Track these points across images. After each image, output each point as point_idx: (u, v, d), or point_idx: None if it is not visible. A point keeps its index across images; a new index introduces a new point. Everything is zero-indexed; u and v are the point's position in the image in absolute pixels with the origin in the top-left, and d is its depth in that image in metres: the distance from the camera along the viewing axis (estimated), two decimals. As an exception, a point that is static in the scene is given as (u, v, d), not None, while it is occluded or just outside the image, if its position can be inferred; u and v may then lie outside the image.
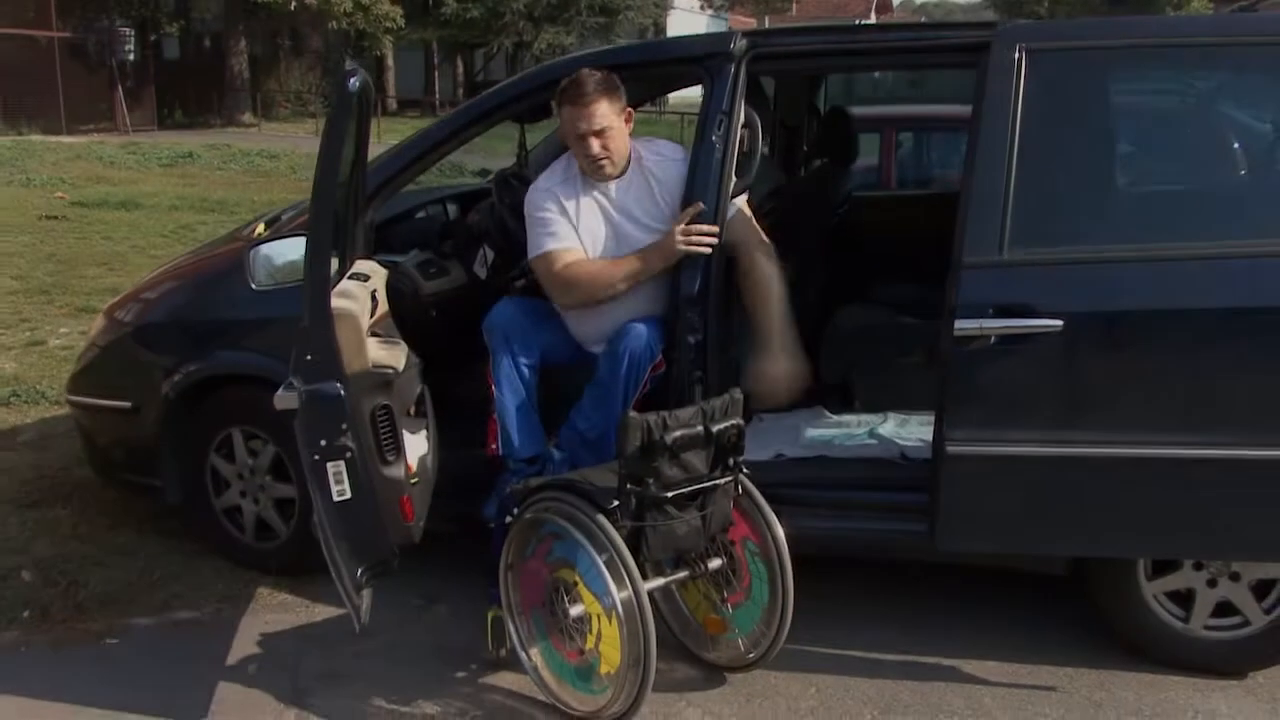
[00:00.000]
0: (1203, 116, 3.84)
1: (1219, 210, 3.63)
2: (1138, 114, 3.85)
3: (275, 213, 5.11)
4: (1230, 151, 3.74)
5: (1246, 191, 3.75)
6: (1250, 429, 3.37)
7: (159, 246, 11.32)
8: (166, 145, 21.42)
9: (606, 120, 3.88)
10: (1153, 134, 3.89)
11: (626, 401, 3.85)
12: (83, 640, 4.04)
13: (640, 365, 3.86)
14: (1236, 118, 3.80)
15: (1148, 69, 3.75)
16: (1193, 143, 3.76)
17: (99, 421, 4.78)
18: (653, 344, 3.88)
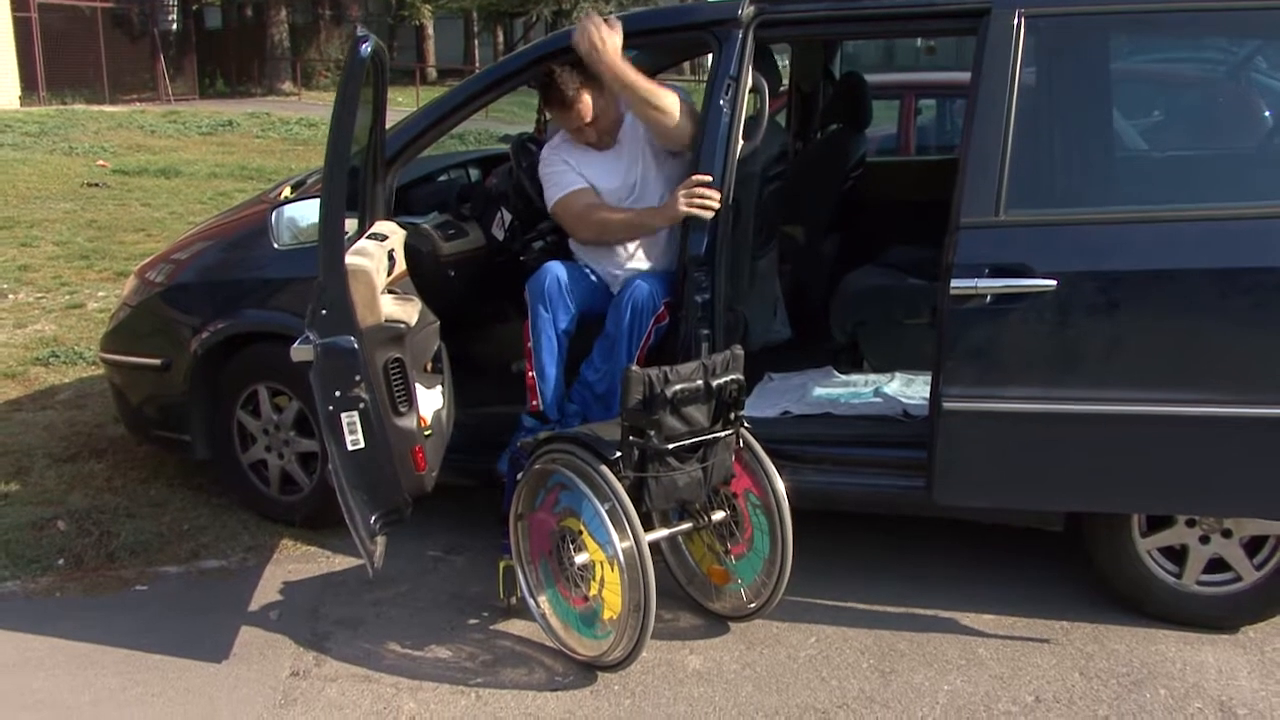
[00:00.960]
0: (1199, 81, 3.90)
1: (1213, 173, 3.70)
2: (1134, 79, 3.91)
3: (302, 176, 5.25)
4: (1226, 115, 3.80)
5: (1241, 155, 3.81)
6: (1240, 387, 3.45)
7: (197, 213, 11.50)
8: (207, 114, 21.63)
9: (592, 107, 4.18)
10: (1148, 98, 3.96)
11: (631, 353, 4.00)
12: (114, 587, 4.22)
13: (643, 316, 4.02)
14: (1234, 82, 3.86)
15: (1145, 34, 3.81)
16: (1187, 107, 3.83)
17: (131, 379, 4.94)
18: (655, 296, 4.04)
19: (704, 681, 3.59)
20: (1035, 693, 3.53)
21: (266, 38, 31.44)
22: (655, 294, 4.06)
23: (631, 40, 4.10)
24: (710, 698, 3.50)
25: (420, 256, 4.30)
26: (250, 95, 29.79)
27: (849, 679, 3.61)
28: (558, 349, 4.20)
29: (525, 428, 4.20)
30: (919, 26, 4.22)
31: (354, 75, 3.38)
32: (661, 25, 4.25)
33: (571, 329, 4.22)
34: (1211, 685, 3.56)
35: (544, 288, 4.17)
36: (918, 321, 4.62)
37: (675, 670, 3.64)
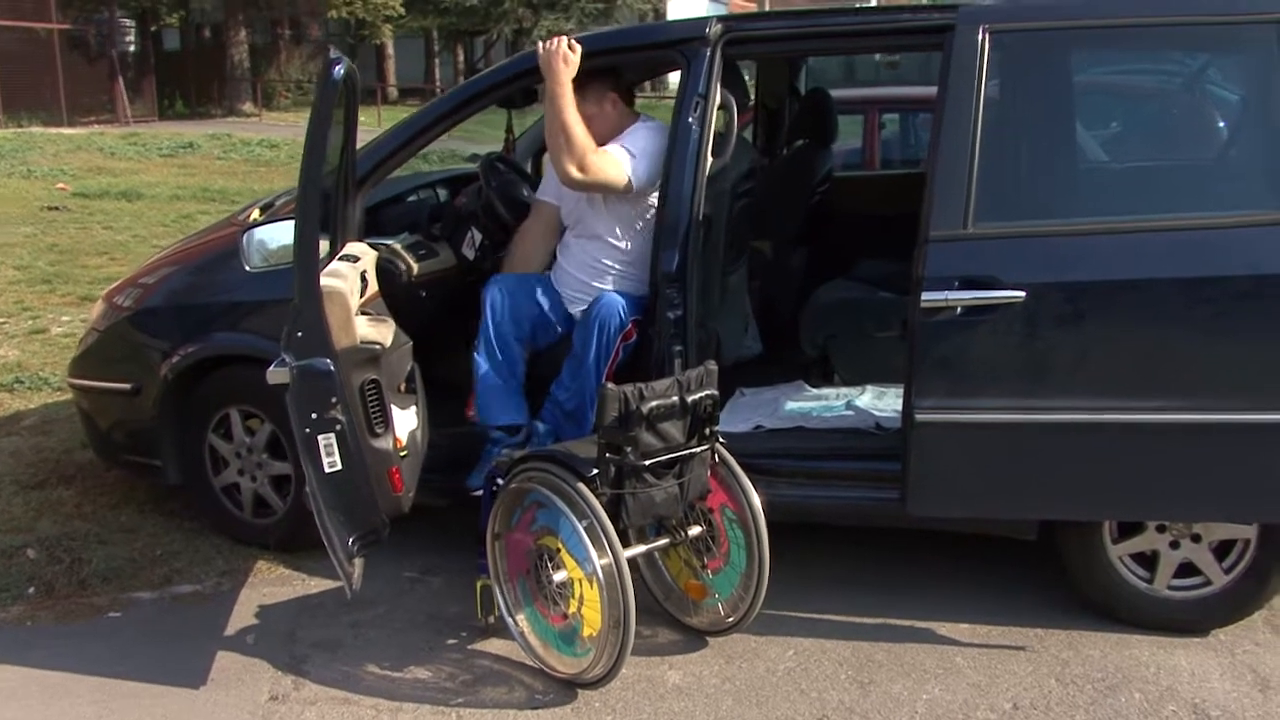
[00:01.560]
0: (1159, 94, 3.96)
1: (1176, 185, 3.76)
2: (1097, 92, 3.97)
3: (270, 198, 5.24)
4: (1187, 129, 3.87)
5: (1201, 166, 3.87)
6: (1205, 394, 3.51)
7: (160, 236, 11.44)
8: (167, 136, 21.52)
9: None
10: (1111, 111, 4.02)
11: (599, 371, 4.03)
12: (86, 614, 4.18)
13: (610, 334, 4.05)
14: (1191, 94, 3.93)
15: (1107, 48, 3.87)
16: (1148, 119, 3.89)
17: (100, 403, 4.91)
18: (622, 313, 4.09)
19: (684, 696, 3.60)
20: (1013, 700, 3.56)
21: (226, 58, 31.32)
22: (622, 312, 4.09)
23: (600, 58, 4.13)
24: (691, 712, 3.51)
25: (392, 277, 4.30)
26: (210, 116, 29.66)
27: (828, 690, 3.63)
28: (501, 356, 4.27)
29: (493, 440, 4.22)
30: (885, 42, 4.28)
31: (327, 96, 3.39)
32: (630, 44, 4.28)
33: (524, 336, 4.30)
34: (1185, 688, 3.61)
35: (487, 298, 4.28)
36: (888, 334, 4.66)
37: (655, 686, 3.65)
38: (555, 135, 4.06)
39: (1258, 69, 3.59)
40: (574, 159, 4.04)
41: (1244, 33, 3.61)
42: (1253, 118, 3.71)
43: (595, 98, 4.16)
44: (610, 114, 4.24)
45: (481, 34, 38.40)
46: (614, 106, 4.23)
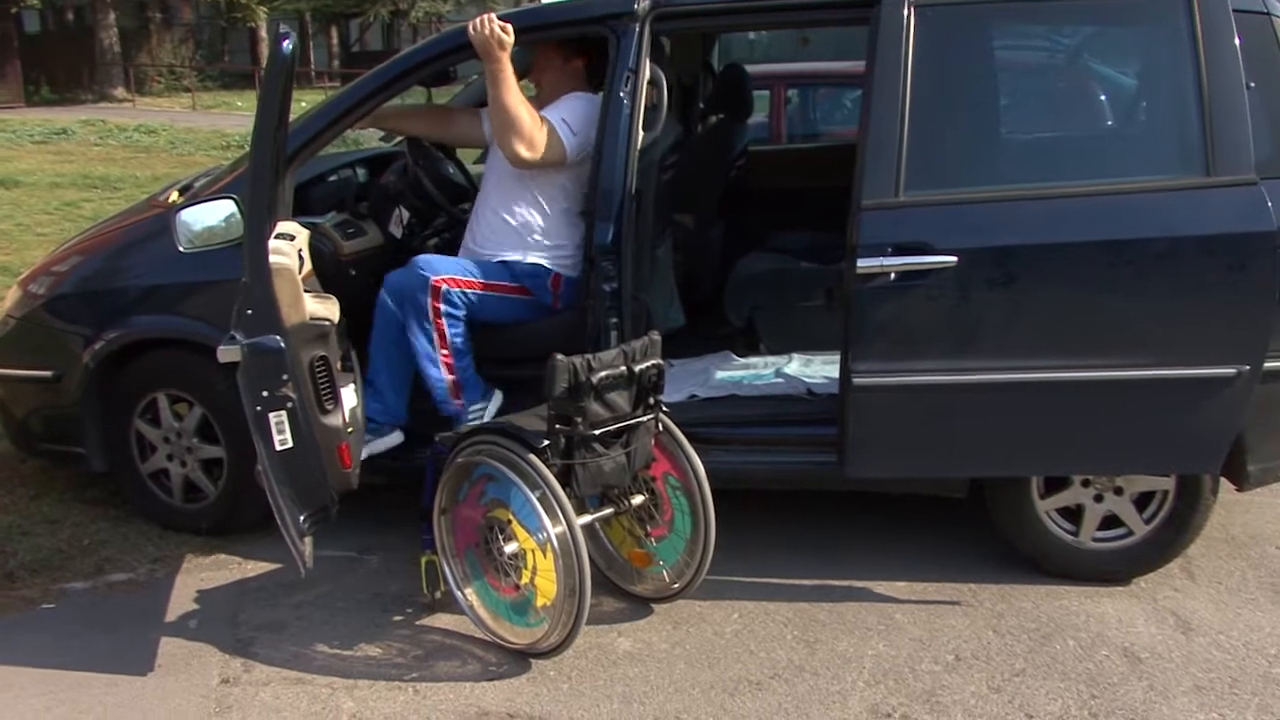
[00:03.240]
0: (1079, 66, 4.11)
1: (1094, 153, 3.92)
2: (1018, 66, 4.10)
3: (187, 180, 5.16)
4: (1102, 99, 4.02)
5: (1118, 135, 4.05)
6: (1126, 351, 3.66)
7: (44, 224, 11.11)
8: (38, 122, 20.86)
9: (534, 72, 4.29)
10: (1032, 83, 4.17)
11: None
12: (18, 607, 4.10)
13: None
14: (1111, 66, 4.08)
15: (1025, 23, 4.01)
16: (1069, 90, 4.04)
17: (17, 392, 4.80)
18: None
19: (637, 662, 3.66)
20: (954, 652, 3.69)
21: (95, 42, 30.43)
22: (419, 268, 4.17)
23: (526, 35, 4.15)
24: (645, 677, 3.58)
25: (322, 256, 4.26)
26: (81, 102, 28.80)
27: (776, 650, 3.72)
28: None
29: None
30: (812, 16, 4.37)
31: (277, 72, 3.36)
32: (557, 20, 4.28)
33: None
34: (1114, 634, 3.78)
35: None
36: (811, 304, 4.77)
37: (607, 653, 3.71)
38: (500, 114, 4.07)
39: (1166, 40, 3.74)
40: (523, 139, 4.07)
41: (1152, 5, 3.77)
42: (1161, 88, 3.87)
43: (547, 52, 4.28)
44: (559, 68, 4.34)
45: (357, 15, 37.86)
46: (575, 73, 4.33)
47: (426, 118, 4.78)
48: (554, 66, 4.33)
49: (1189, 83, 3.63)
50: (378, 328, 4.28)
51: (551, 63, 4.34)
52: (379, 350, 4.29)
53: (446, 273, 4.15)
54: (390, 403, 4.28)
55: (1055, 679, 3.55)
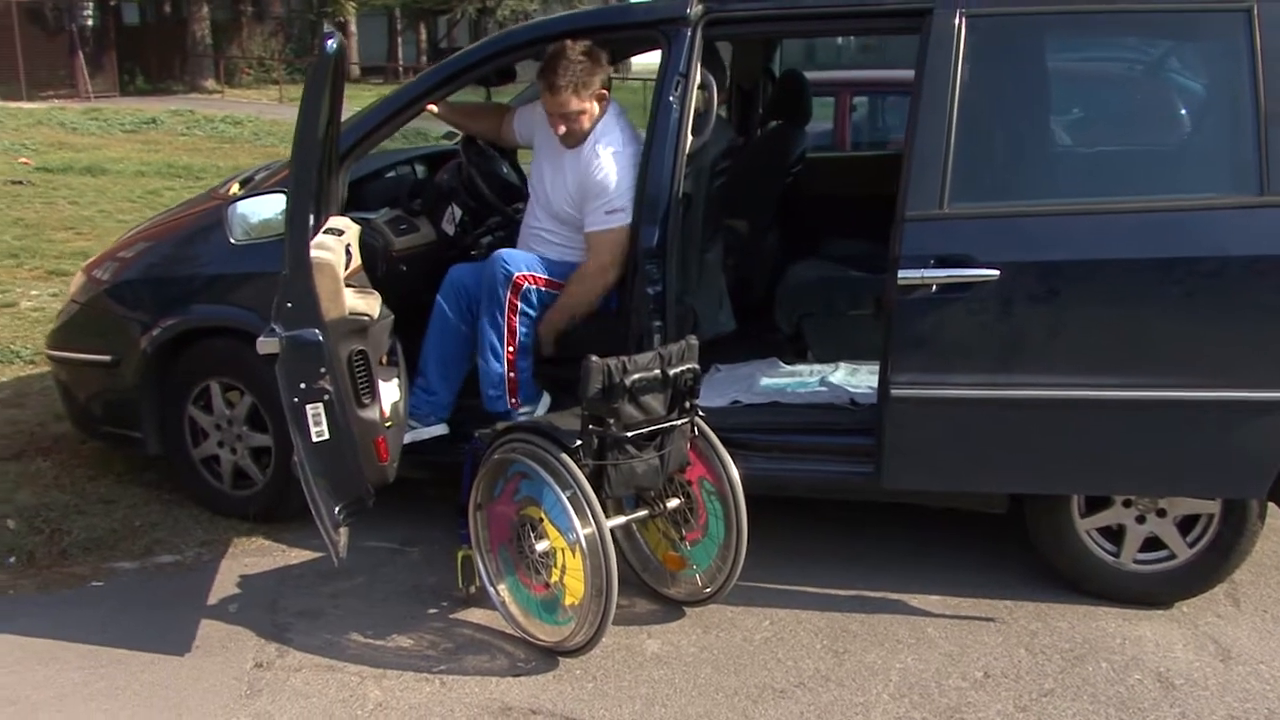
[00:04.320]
0: (1132, 79, 4.06)
1: (1145, 168, 3.86)
2: (1070, 77, 4.06)
3: (249, 173, 5.26)
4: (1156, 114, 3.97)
5: (1170, 152, 3.98)
6: (1173, 371, 3.61)
7: (126, 211, 11.39)
8: (129, 111, 21.33)
9: (571, 109, 4.15)
10: (1084, 95, 4.12)
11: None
12: (69, 584, 4.22)
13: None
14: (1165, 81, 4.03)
15: (1079, 35, 3.96)
16: (1121, 105, 3.99)
17: (79, 376, 4.93)
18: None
19: (663, 664, 3.67)
20: (984, 669, 3.66)
21: (188, 34, 31.03)
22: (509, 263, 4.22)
23: (581, 39, 4.17)
24: (670, 679, 3.59)
25: (373, 252, 4.33)
26: (172, 93, 29.39)
27: (804, 659, 3.71)
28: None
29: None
30: (863, 25, 4.35)
31: (322, 71, 3.42)
32: (611, 23, 4.32)
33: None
34: (1150, 658, 3.72)
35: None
36: (861, 313, 4.75)
37: (635, 654, 3.72)
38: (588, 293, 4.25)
39: (1223, 56, 3.68)
40: (604, 280, 4.22)
41: (1211, 20, 3.71)
42: (1217, 104, 3.81)
43: (591, 95, 4.17)
44: (594, 110, 4.23)
45: (444, 13, 38.22)
46: (600, 101, 4.25)
47: (479, 116, 4.82)
48: (590, 111, 4.23)
49: (1246, 100, 3.57)
50: (434, 322, 4.35)
51: (590, 108, 4.23)
52: (433, 344, 4.36)
53: (528, 269, 4.21)
54: (439, 396, 4.35)
55: (1084, 701, 3.50)
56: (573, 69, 4.10)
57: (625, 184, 4.16)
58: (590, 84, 4.14)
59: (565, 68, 4.10)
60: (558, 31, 4.23)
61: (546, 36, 4.26)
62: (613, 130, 4.25)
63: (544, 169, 4.35)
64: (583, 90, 4.13)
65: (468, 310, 4.34)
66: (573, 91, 4.12)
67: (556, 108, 4.17)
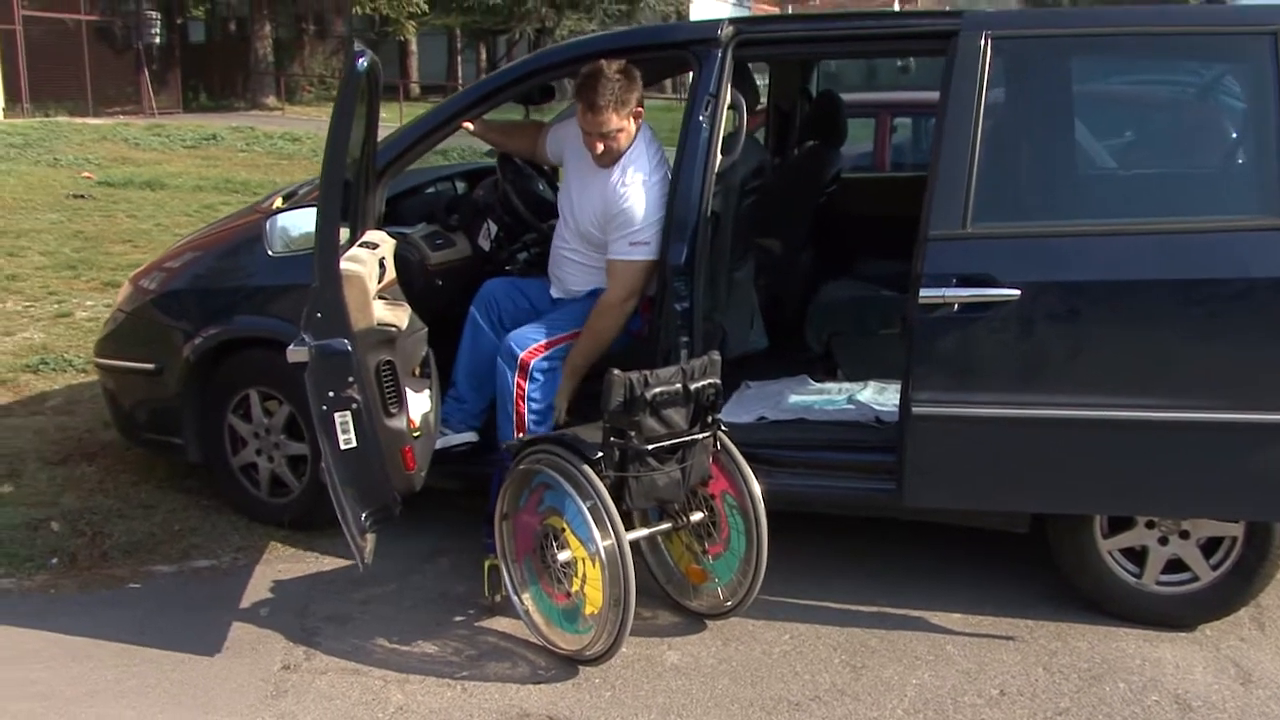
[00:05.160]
0: (1156, 102, 4.08)
1: (1167, 190, 3.88)
2: (1095, 98, 4.08)
3: (293, 187, 5.38)
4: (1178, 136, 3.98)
5: (1192, 173, 3.99)
6: (1195, 392, 3.62)
7: (183, 225, 11.60)
8: (191, 127, 21.68)
9: (611, 127, 4.17)
10: (1106, 116, 4.14)
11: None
12: (108, 585, 4.33)
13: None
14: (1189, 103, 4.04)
15: (1103, 57, 3.99)
16: (1144, 126, 4.01)
17: (124, 383, 5.06)
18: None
19: (682, 675, 3.72)
20: (1000, 686, 3.67)
21: (250, 52, 31.50)
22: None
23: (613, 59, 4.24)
24: (688, 690, 3.64)
25: (409, 265, 4.43)
26: (234, 109, 29.85)
27: (821, 673, 3.75)
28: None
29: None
30: (891, 47, 4.40)
31: (350, 89, 3.52)
32: (643, 43, 4.39)
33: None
34: (1169, 680, 3.72)
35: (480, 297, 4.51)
36: (891, 332, 4.77)
37: (654, 665, 3.77)
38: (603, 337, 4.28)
39: (1248, 79, 3.69)
40: (623, 312, 4.26)
41: (1235, 43, 3.73)
42: (1241, 127, 3.82)
43: (629, 113, 4.19)
44: (632, 129, 4.25)
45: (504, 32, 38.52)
46: (636, 120, 4.27)
47: (514, 134, 4.89)
48: (628, 130, 4.24)
49: (1271, 122, 3.58)
50: (467, 332, 4.47)
51: (628, 126, 4.24)
52: (466, 354, 4.47)
53: (533, 342, 4.26)
54: (470, 405, 4.44)
55: (1099, 720, 3.52)
56: (612, 86, 4.14)
57: (652, 216, 4.19)
58: (628, 101, 4.18)
59: (605, 85, 4.13)
60: (593, 51, 4.31)
61: (582, 56, 4.32)
62: (642, 156, 4.28)
63: (572, 188, 4.41)
64: (622, 108, 4.17)
65: (499, 321, 4.42)
66: (613, 109, 4.15)
67: (596, 126, 4.18)
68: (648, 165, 4.27)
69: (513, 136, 4.86)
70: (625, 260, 4.22)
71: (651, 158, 4.30)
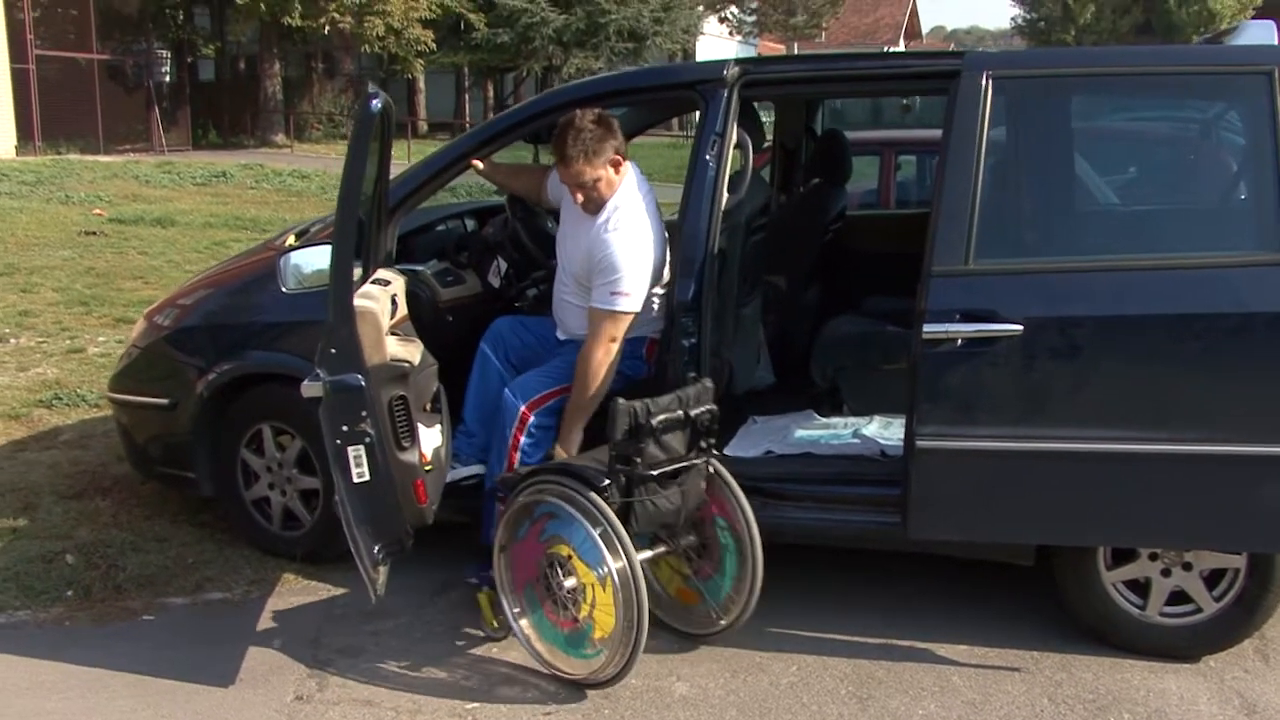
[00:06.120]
0: (1155, 139, 4.15)
1: (1166, 226, 3.95)
2: (1094, 136, 4.16)
3: (305, 225, 5.46)
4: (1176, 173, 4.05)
5: (1190, 209, 4.06)
6: (1194, 426, 3.67)
7: (193, 262, 11.71)
8: (201, 165, 21.87)
9: (585, 178, 4.18)
10: (1108, 155, 4.21)
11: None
12: (122, 617, 4.38)
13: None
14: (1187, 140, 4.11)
15: (1103, 96, 4.06)
16: (1144, 163, 4.08)
17: (138, 418, 5.13)
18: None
19: (690, 706, 3.76)
20: (1006, 717, 3.71)
21: (260, 90, 31.75)
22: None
23: (622, 99, 4.33)
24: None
25: (420, 302, 4.50)
26: (243, 147, 30.06)
27: (828, 704, 3.78)
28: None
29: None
30: (894, 86, 4.48)
31: (365, 128, 3.60)
32: (650, 84, 4.48)
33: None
34: (1174, 711, 3.75)
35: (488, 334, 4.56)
36: (896, 367, 4.83)
37: (663, 696, 3.82)
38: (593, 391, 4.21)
39: (1245, 117, 3.77)
40: (607, 360, 4.18)
41: (1233, 82, 3.80)
42: (1238, 164, 3.89)
43: (604, 161, 4.17)
44: (613, 177, 4.24)
45: (511, 70, 38.85)
46: (616, 168, 4.25)
47: (520, 176, 4.95)
48: (606, 178, 4.22)
49: (1268, 159, 3.65)
50: (476, 368, 4.54)
51: (605, 174, 4.22)
52: (475, 389, 4.54)
53: (536, 393, 4.29)
54: (478, 438, 4.51)
55: (1104, 750, 3.55)
56: (582, 137, 4.13)
57: (637, 266, 4.18)
58: (601, 150, 4.15)
59: (574, 137, 4.13)
60: (601, 91, 4.40)
61: (589, 96, 4.40)
62: (629, 203, 4.26)
63: (567, 230, 4.46)
64: (594, 158, 4.14)
65: (508, 359, 4.49)
66: (584, 161, 4.14)
67: (571, 178, 4.19)
68: (635, 213, 4.24)
69: (518, 178, 4.93)
70: (606, 309, 4.18)
71: (641, 205, 4.28)
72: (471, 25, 33.25)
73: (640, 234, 4.21)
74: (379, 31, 29.46)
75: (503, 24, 33.81)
